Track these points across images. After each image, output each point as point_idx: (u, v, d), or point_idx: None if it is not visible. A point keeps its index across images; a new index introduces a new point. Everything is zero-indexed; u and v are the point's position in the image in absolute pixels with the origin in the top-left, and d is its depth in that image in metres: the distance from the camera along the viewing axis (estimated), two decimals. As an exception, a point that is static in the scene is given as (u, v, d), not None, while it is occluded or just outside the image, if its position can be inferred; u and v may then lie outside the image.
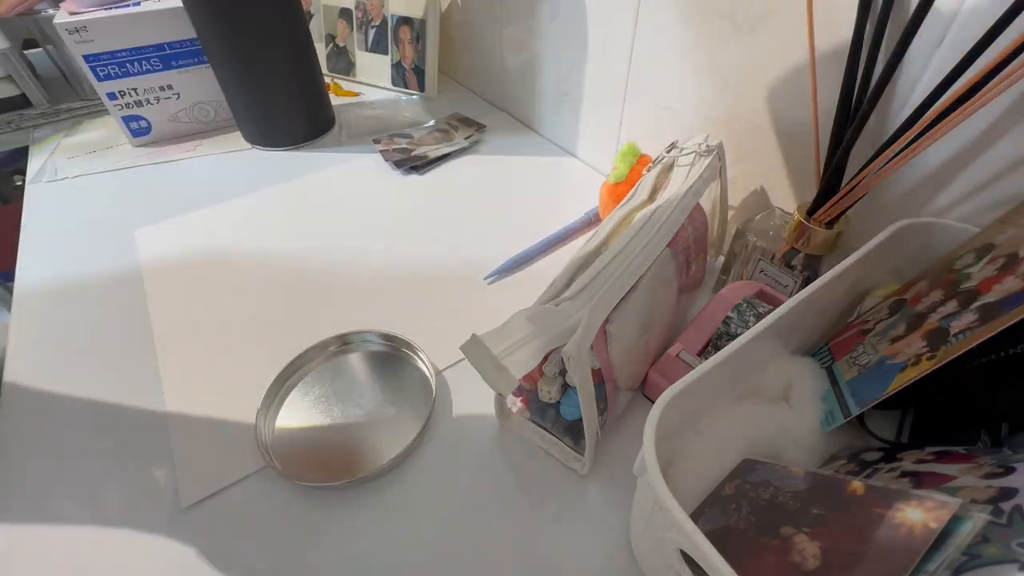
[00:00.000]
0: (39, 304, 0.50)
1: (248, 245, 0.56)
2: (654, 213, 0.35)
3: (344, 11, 0.83)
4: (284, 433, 0.39)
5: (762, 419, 0.31)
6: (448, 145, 0.70)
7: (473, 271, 0.52)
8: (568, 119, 0.66)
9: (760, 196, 0.47)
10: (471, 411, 0.40)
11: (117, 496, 0.36)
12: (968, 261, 0.29)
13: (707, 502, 0.28)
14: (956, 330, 0.25)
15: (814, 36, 0.34)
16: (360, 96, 0.85)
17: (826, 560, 0.20)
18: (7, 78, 0.79)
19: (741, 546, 0.23)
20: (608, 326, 0.31)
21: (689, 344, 0.39)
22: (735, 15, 0.41)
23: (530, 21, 0.64)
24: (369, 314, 0.48)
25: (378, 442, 0.38)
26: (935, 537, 0.18)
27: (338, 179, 0.66)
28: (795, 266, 0.40)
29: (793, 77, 0.38)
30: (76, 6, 0.64)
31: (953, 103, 0.28)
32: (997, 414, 0.29)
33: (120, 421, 0.40)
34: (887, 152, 0.32)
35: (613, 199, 0.51)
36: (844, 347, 0.33)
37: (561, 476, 0.36)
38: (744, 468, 0.28)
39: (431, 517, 0.34)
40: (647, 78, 0.52)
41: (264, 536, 0.33)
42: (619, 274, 0.31)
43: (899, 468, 0.26)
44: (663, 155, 0.42)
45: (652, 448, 0.23)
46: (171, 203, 0.62)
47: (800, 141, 0.41)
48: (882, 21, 0.31)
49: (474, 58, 0.80)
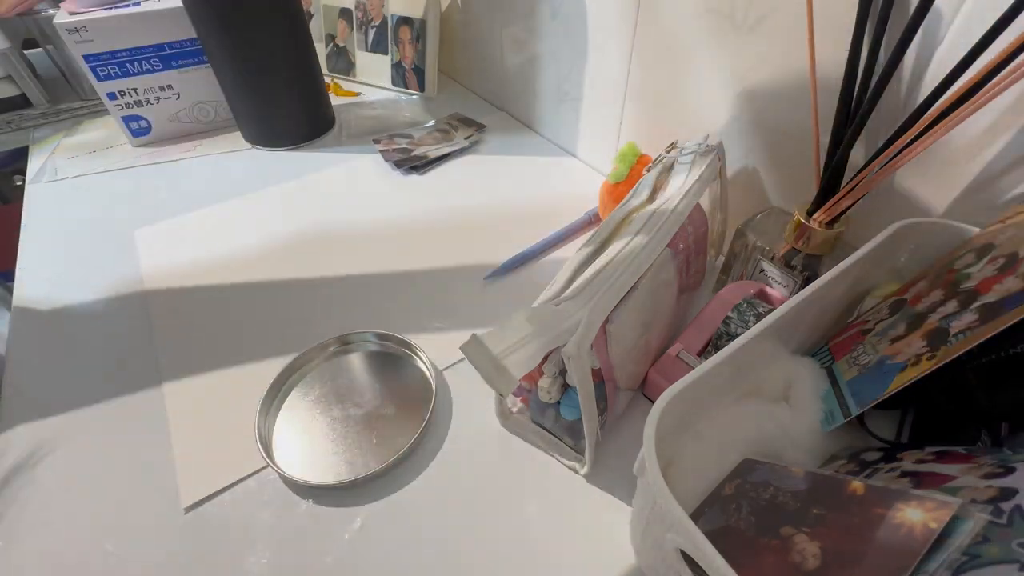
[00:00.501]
0: (39, 304, 0.50)
1: (248, 245, 0.56)
2: (654, 213, 0.35)
3: (344, 11, 0.83)
4: (284, 433, 0.39)
5: (762, 419, 0.31)
6: (448, 145, 0.70)
7: (473, 271, 0.51)
8: (568, 119, 0.66)
9: (760, 196, 0.47)
10: (471, 411, 0.40)
11: (117, 496, 0.36)
12: (968, 261, 0.29)
13: (707, 502, 0.28)
14: (956, 330, 0.25)
15: (814, 36, 0.34)
16: (360, 96, 0.85)
17: (826, 560, 0.20)
18: (7, 78, 0.79)
19: (741, 546, 0.23)
20: (608, 326, 0.31)
21: (689, 344, 0.39)
22: (735, 15, 0.41)
23: (530, 21, 0.64)
24: (369, 314, 0.48)
25: (378, 442, 0.38)
26: (935, 537, 0.18)
27: (338, 179, 0.66)
28: (795, 266, 0.40)
29: (793, 77, 0.38)
30: (76, 6, 0.64)
31: (953, 103, 0.28)
32: (997, 414, 0.29)
33: (120, 421, 0.40)
34: (887, 152, 0.32)
35: (613, 199, 0.51)
36: (844, 347, 0.33)
37: (561, 476, 0.36)
38: (744, 468, 0.28)
39: (431, 517, 0.34)
40: (647, 78, 0.52)
41: (264, 536, 0.33)
42: (619, 274, 0.31)
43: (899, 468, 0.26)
44: (663, 155, 0.42)
45: (652, 448, 0.23)
46: (171, 203, 0.62)
47: (800, 141, 0.41)
48: (882, 21, 0.31)
49: (474, 58, 0.80)
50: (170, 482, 0.36)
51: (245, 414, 0.39)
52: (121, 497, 0.36)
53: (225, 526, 0.34)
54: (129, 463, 0.37)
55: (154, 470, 0.37)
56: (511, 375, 0.26)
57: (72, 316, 0.49)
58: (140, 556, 0.33)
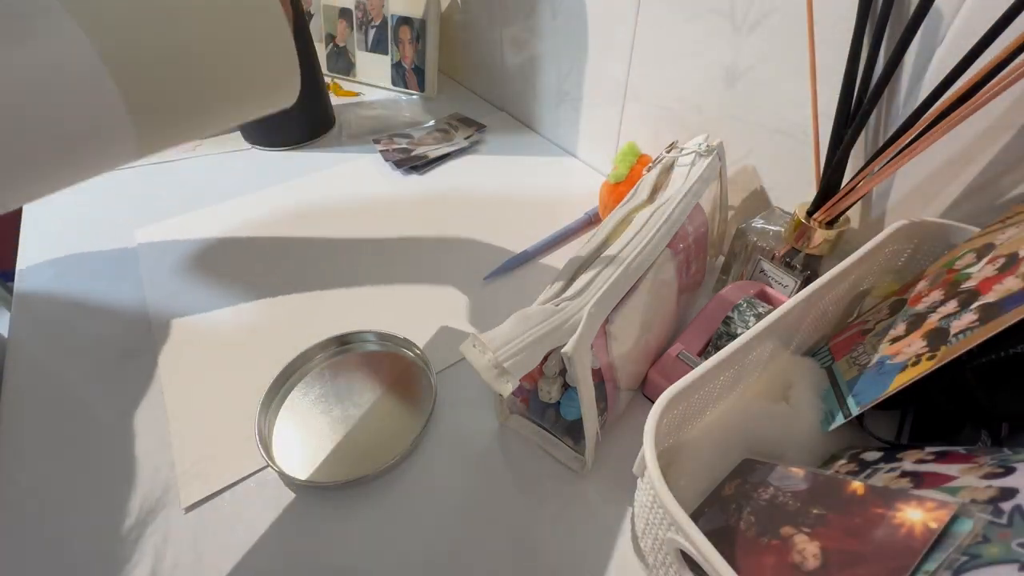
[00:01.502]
0: (39, 304, 0.50)
1: (248, 245, 0.56)
2: (654, 213, 0.35)
3: (344, 11, 0.83)
4: (284, 433, 0.39)
5: (762, 419, 0.31)
6: (448, 145, 0.70)
7: (473, 271, 0.52)
8: (568, 119, 0.66)
9: (760, 196, 0.47)
10: (471, 411, 0.40)
11: (117, 496, 0.36)
12: (968, 261, 0.29)
13: (707, 502, 0.28)
14: (956, 330, 0.25)
15: (814, 36, 0.34)
16: (360, 96, 0.85)
17: (826, 560, 0.20)
18: (7, 78, 0.79)
19: (741, 546, 0.23)
20: (608, 326, 0.31)
21: (689, 344, 0.39)
22: (735, 15, 0.41)
23: (530, 21, 0.64)
24: (369, 314, 0.48)
25: (378, 442, 0.38)
26: (935, 537, 0.18)
27: (338, 179, 0.66)
28: (795, 266, 0.40)
29: (793, 77, 0.38)
30: (76, 6, 0.64)
31: (953, 103, 0.28)
32: (997, 414, 0.29)
33: (120, 421, 0.40)
34: (887, 152, 0.32)
35: (613, 199, 0.51)
36: (844, 347, 0.33)
37: (561, 476, 0.36)
38: (744, 468, 0.28)
39: (431, 517, 0.34)
40: (647, 78, 0.52)
41: (264, 536, 0.33)
42: (619, 274, 0.31)
43: (899, 468, 0.26)
44: (663, 155, 0.42)
45: (652, 448, 0.23)
46: (171, 203, 0.62)
47: (800, 141, 0.41)
48: (882, 21, 0.31)
49: (474, 58, 0.80)
50: (170, 482, 0.36)
51: (245, 414, 0.39)
52: (121, 497, 0.36)
53: (225, 526, 0.34)
54: (129, 463, 0.37)
55: (154, 470, 0.37)
56: (511, 375, 0.26)
57: (72, 316, 0.49)
58: (140, 556, 0.33)
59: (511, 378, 0.26)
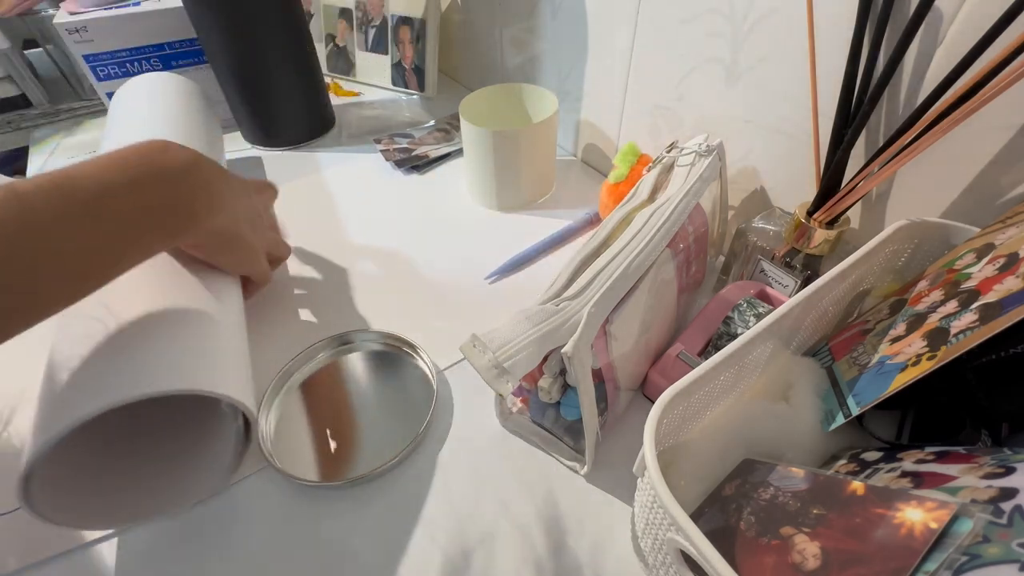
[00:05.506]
0: (39, 304, 0.50)
1: (248, 245, 0.56)
2: (654, 213, 0.35)
3: (344, 11, 0.83)
4: (284, 433, 0.39)
5: (762, 419, 0.31)
6: (448, 145, 0.70)
7: (473, 271, 0.52)
8: (568, 119, 0.66)
9: (760, 196, 0.47)
10: (471, 411, 0.40)
11: (117, 496, 0.36)
12: (968, 261, 0.29)
13: (707, 502, 0.28)
14: (956, 330, 0.25)
15: (814, 36, 0.34)
16: (360, 96, 0.85)
17: (826, 560, 0.20)
18: (7, 78, 0.79)
19: (741, 546, 0.23)
20: (608, 326, 0.31)
21: (689, 344, 0.39)
22: (735, 15, 0.41)
23: (530, 21, 0.64)
24: (369, 314, 0.48)
25: (378, 442, 0.38)
26: (935, 537, 0.18)
27: (338, 179, 0.66)
28: (795, 266, 0.40)
29: (793, 77, 0.38)
30: (76, 6, 0.64)
31: (953, 103, 0.28)
32: (997, 414, 0.29)
33: (120, 421, 0.40)
34: (887, 152, 0.32)
35: (613, 199, 0.51)
36: (844, 347, 0.33)
37: (561, 476, 0.36)
38: (744, 468, 0.28)
39: (431, 517, 0.34)
40: (647, 78, 0.52)
41: (264, 536, 0.33)
42: (619, 274, 0.31)
43: (899, 468, 0.26)
44: (663, 155, 0.42)
45: (652, 448, 0.23)
46: (171, 203, 0.62)
47: (800, 141, 0.41)
48: (882, 21, 0.31)
49: (474, 58, 0.80)
50: (170, 482, 0.36)
51: (245, 414, 0.39)
52: (121, 497, 0.35)
53: (225, 526, 0.34)
54: (129, 463, 0.37)
55: (154, 470, 0.37)
56: (511, 375, 0.26)
57: (72, 316, 0.48)
58: (140, 556, 0.33)
59: (511, 378, 0.26)
